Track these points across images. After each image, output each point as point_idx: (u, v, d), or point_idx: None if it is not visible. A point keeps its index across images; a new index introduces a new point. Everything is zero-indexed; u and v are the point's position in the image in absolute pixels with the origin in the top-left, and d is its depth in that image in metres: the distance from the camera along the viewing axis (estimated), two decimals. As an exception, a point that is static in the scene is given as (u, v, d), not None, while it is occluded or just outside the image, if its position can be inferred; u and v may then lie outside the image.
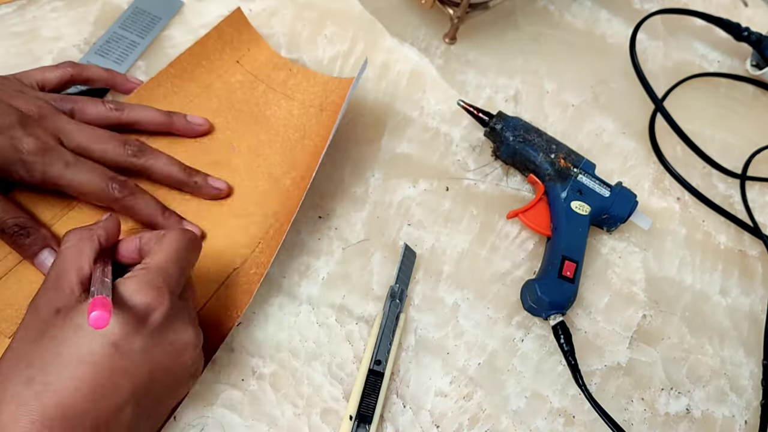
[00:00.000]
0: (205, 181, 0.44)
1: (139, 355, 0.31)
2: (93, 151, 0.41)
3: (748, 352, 0.49)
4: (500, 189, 0.52)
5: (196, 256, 0.36)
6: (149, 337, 0.31)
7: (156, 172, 0.43)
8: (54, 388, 0.28)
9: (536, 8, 0.62)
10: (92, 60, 0.50)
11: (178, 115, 0.46)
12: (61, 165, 0.39)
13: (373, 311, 0.44)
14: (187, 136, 0.47)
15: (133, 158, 0.42)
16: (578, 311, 0.47)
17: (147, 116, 0.45)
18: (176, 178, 0.44)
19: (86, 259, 0.32)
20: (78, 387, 0.29)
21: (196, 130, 0.47)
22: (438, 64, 0.57)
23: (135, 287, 0.31)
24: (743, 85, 0.63)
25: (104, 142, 0.41)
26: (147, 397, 0.31)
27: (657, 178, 0.55)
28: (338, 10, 0.58)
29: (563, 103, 0.57)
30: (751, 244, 0.53)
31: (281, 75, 0.52)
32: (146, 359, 0.31)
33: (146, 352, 0.31)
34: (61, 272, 0.32)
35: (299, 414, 0.40)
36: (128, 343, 0.30)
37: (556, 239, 0.47)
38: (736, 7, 0.68)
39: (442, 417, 0.42)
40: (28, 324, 0.31)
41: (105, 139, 0.42)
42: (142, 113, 0.45)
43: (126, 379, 0.30)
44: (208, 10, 0.55)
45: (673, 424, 0.45)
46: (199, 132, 0.47)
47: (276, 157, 0.48)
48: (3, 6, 0.51)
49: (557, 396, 0.44)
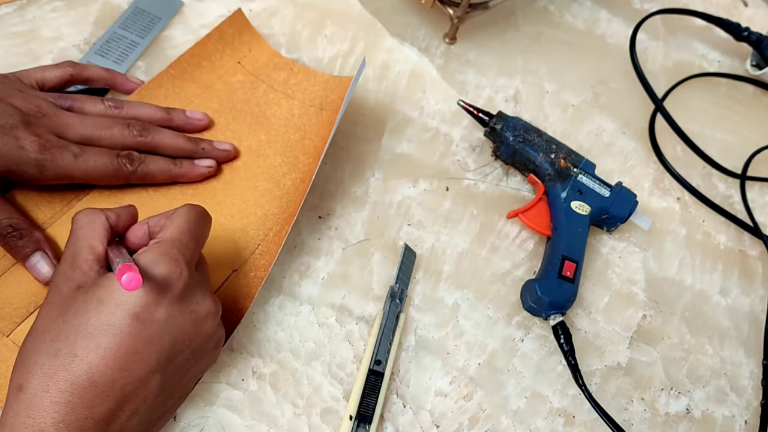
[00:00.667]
0: (212, 146, 0.46)
1: (161, 325, 0.31)
2: (100, 138, 0.42)
3: (748, 352, 0.49)
4: (500, 189, 0.52)
5: (208, 228, 0.36)
6: (170, 307, 0.32)
7: (164, 147, 0.44)
8: (81, 359, 0.29)
9: (536, 8, 0.62)
10: (92, 60, 0.50)
11: (177, 110, 0.47)
12: (70, 157, 0.40)
13: (373, 311, 0.44)
14: (186, 131, 0.47)
15: (140, 137, 0.43)
16: (578, 311, 0.47)
17: (146, 113, 0.45)
18: (184, 149, 0.45)
19: (98, 237, 0.33)
20: (103, 356, 0.29)
21: (195, 125, 0.47)
22: (438, 64, 0.57)
23: (152, 259, 0.32)
24: (743, 85, 0.63)
25: (109, 128, 0.42)
26: (172, 367, 0.32)
27: (657, 178, 0.55)
28: (338, 10, 0.58)
29: (563, 103, 0.57)
30: (751, 244, 0.53)
31: (282, 75, 0.52)
32: (168, 329, 0.31)
33: (168, 321, 0.31)
34: (76, 251, 0.32)
35: (299, 414, 0.40)
36: (150, 313, 0.31)
37: (556, 239, 0.47)
38: (736, 7, 0.68)
39: (442, 417, 0.42)
40: (50, 302, 0.32)
41: (109, 125, 0.42)
42: (142, 110, 0.45)
43: (150, 348, 0.31)
44: (208, 10, 0.55)
45: (673, 424, 0.45)
46: (199, 127, 0.48)
47: (276, 158, 0.48)
48: (3, 6, 0.51)
49: (557, 396, 0.44)
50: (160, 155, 0.44)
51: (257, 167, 0.47)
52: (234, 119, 0.49)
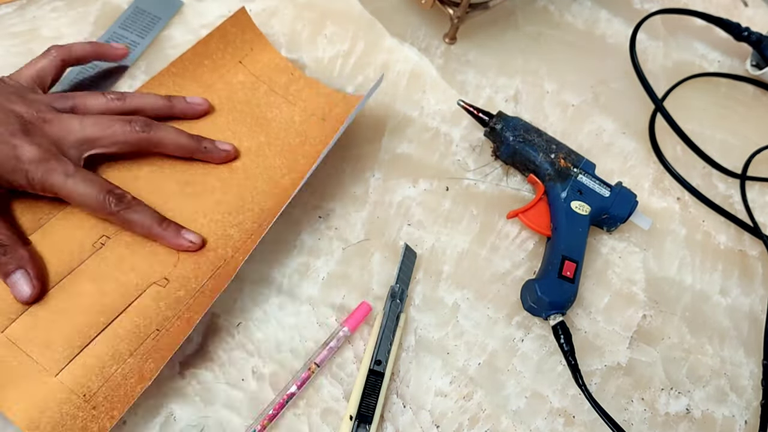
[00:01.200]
0: (213, 146, 0.46)
1: None
2: (102, 138, 0.42)
3: (748, 352, 0.49)
4: (500, 189, 0.52)
5: None
6: None
7: (167, 144, 0.44)
8: None
9: (536, 8, 0.62)
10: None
11: (178, 97, 0.47)
12: (61, 175, 0.39)
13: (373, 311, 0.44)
14: (188, 116, 0.48)
15: (142, 133, 0.43)
16: (578, 311, 0.47)
17: (148, 102, 0.46)
18: (187, 146, 0.45)
19: None
20: None
21: (196, 110, 0.48)
22: (438, 64, 0.57)
23: None
24: (743, 85, 0.63)
25: (110, 126, 0.42)
26: None
27: (657, 178, 0.55)
28: (338, 10, 0.58)
29: (563, 103, 0.57)
30: (751, 244, 0.53)
31: (283, 78, 0.52)
32: None
33: None
34: None
35: (299, 414, 0.40)
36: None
37: (556, 239, 0.47)
38: (736, 7, 0.68)
39: (442, 417, 0.42)
40: None
41: (109, 124, 0.42)
42: (143, 100, 0.46)
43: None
44: (208, 10, 0.55)
45: (673, 424, 0.45)
46: (200, 111, 0.48)
47: (276, 160, 0.48)
48: (3, 6, 0.51)
49: (557, 396, 0.44)
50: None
51: (256, 167, 0.47)
52: (234, 120, 0.49)
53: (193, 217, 0.44)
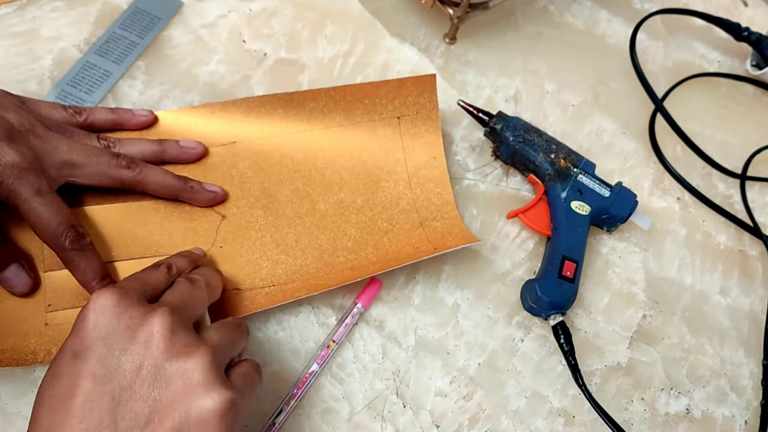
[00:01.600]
0: (200, 187, 0.44)
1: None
2: (86, 164, 0.40)
3: (748, 352, 0.49)
4: (500, 189, 0.52)
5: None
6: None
7: (152, 184, 0.42)
8: None
9: (536, 8, 0.62)
10: (91, 59, 0.50)
11: (170, 141, 0.45)
12: (31, 190, 0.37)
13: (373, 311, 0.44)
14: (181, 161, 0.45)
15: (127, 170, 0.41)
16: (578, 311, 0.47)
17: (138, 149, 0.44)
18: (172, 186, 0.43)
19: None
20: None
21: (189, 155, 0.45)
22: (438, 64, 0.57)
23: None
24: (743, 85, 0.63)
25: (96, 155, 0.41)
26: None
27: (657, 178, 0.55)
28: (338, 10, 0.58)
29: (563, 103, 0.57)
30: (751, 244, 0.53)
31: (423, 156, 0.48)
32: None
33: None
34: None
35: (299, 414, 0.40)
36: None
37: (556, 239, 0.47)
38: (736, 7, 0.68)
39: (442, 417, 0.42)
40: None
41: (97, 153, 0.41)
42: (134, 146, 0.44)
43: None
44: (208, 10, 0.55)
45: (673, 424, 0.45)
46: (194, 156, 0.45)
47: (352, 231, 0.45)
48: (3, 6, 0.51)
49: (557, 396, 0.44)
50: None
51: (331, 224, 0.45)
52: (352, 167, 0.47)
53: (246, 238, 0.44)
